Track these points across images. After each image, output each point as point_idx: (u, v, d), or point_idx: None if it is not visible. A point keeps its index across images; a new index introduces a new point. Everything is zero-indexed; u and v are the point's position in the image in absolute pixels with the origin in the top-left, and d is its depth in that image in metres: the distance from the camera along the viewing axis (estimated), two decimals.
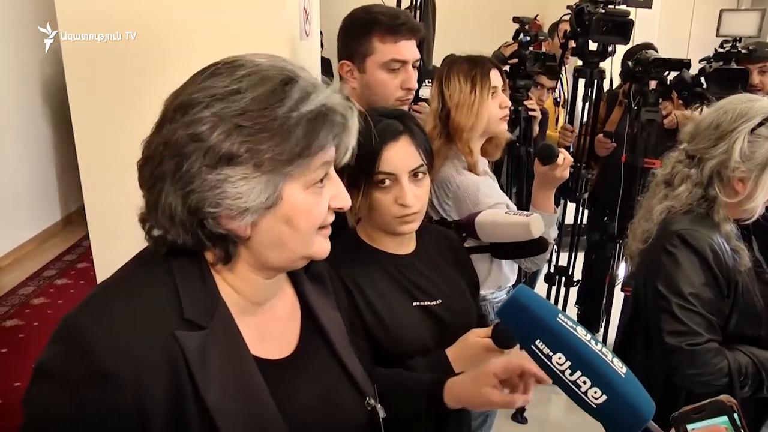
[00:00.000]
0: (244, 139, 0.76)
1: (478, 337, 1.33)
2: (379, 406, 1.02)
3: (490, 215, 1.69)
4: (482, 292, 1.96)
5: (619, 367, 0.82)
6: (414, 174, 1.31)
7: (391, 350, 1.32)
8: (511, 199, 2.73)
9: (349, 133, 0.85)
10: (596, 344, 0.82)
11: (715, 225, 1.55)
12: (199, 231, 0.80)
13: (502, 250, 1.73)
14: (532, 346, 0.83)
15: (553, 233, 1.85)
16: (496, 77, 1.94)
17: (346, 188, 0.91)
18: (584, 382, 0.81)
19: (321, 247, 0.89)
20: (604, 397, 0.80)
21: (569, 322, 0.83)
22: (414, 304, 1.38)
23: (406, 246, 1.43)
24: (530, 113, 2.97)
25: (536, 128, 3.16)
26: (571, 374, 0.81)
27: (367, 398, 1.01)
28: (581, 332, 0.82)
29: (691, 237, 1.52)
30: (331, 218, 0.89)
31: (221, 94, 0.77)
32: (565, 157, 1.74)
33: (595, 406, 0.81)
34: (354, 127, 0.86)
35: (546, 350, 0.82)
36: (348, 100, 0.86)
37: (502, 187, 2.81)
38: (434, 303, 1.40)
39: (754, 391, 1.51)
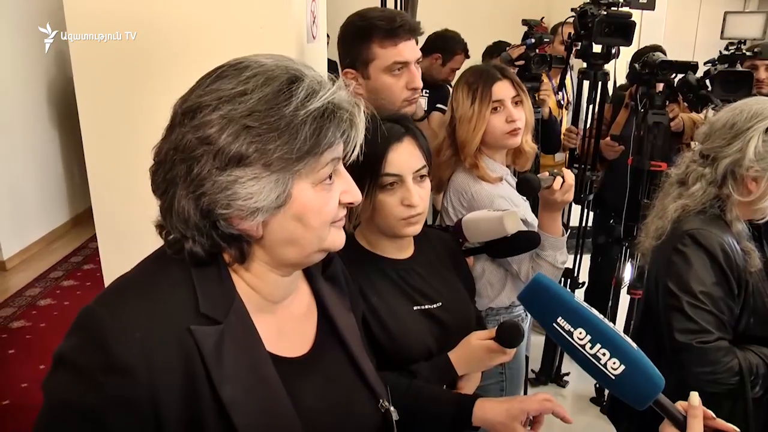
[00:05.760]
0: (253, 139, 0.77)
1: (479, 339, 1.35)
2: (392, 408, 1.02)
3: (473, 215, 1.67)
4: (493, 305, 1.92)
5: (631, 341, 0.88)
6: (419, 175, 1.32)
7: (395, 356, 1.33)
8: None
9: (356, 129, 0.85)
10: (608, 322, 0.89)
11: (727, 225, 1.56)
12: (213, 233, 0.81)
13: (495, 249, 1.70)
14: (554, 324, 0.89)
15: (560, 257, 1.76)
16: (502, 90, 1.86)
17: None
18: (603, 354, 0.86)
19: (335, 238, 0.90)
20: (623, 367, 0.86)
21: (584, 303, 0.90)
22: (415, 308, 1.38)
23: (405, 250, 1.43)
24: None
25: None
26: (591, 347, 0.87)
27: (381, 400, 1.01)
28: (595, 312, 0.89)
29: (701, 237, 1.53)
30: (343, 213, 0.90)
31: (228, 96, 0.78)
32: (563, 182, 1.60)
33: (614, 377, 0.86)
34: (361, 123, 0.86)
35: (567, 326, 0.88)
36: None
37: None
38: (434, 306, 1.40)
39: (765, 390, 1.51)
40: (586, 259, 3.53)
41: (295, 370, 0.90)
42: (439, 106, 2.93)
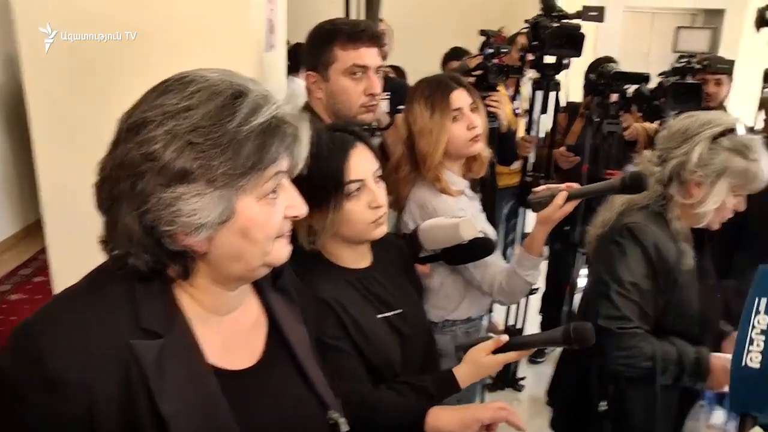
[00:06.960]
0: (197, 155, 0.77)
1: (489, 354, 1.35)
2: (342, 419, 1.01)
3: (429, 222, 1.67)
4: (450, 318, 1.92)
5: None
6: (377, 176, 1.35)
7: (374, 361, 1.34)
8: None
9: (300, 144, 0.85)
10: None
11: (666, 223, 1.64)
12: (157, 249, 0.80)
13: (451, 256, 1.71)
14: (755, 300, 0.98)
15: (536, 276, 1.84)
16: (459, 98, 1.85)
17: (314, 209, 0.92)
18: (757, 345, 0.93)
19: (279, 253, 0.89)
20: (759, 365, 0.92)
21: None
22: (378, 316, 1.39)
23: (365, 259, 1.45)
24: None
25: None
26: (758, 333, 0.94)
27: (330, 412, 1.01)
28: None
29: (638, 231, 1.62)
30: (288, 227, 0.90)
31: (172, 111, 0.77)
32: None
33: (743, 364, 0.92)
34: (305, 138, 0.86)
35: (761, 308, 0.95)
36: (306, 110, 0.86)
37: None
38: (394, 313, 1.42)
39: (674, 379, 1.60)
40: (543, 265, 3.57)
41: (240, 383, 0.90)
42: (401, 107, 2.94)
